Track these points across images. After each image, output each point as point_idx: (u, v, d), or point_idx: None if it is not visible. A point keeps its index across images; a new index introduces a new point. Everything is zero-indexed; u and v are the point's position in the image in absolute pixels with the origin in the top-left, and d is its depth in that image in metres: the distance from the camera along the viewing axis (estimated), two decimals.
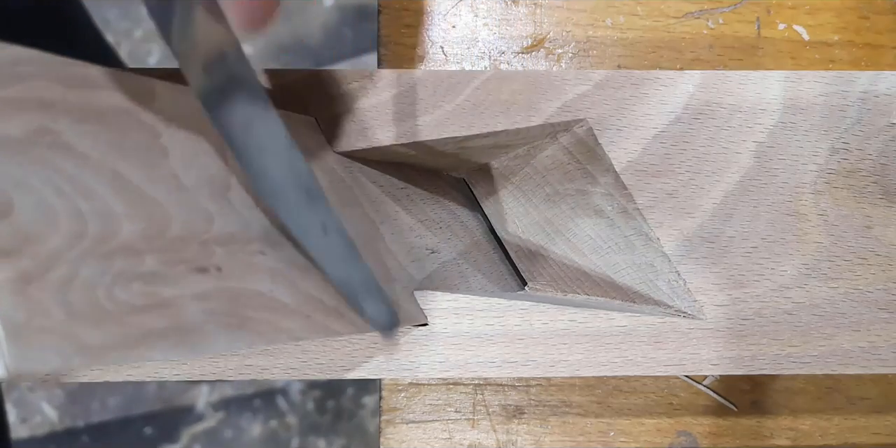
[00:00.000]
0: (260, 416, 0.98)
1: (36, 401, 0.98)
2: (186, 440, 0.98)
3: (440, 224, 0.27)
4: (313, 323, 0.20)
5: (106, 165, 0.15)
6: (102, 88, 0.16)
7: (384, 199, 0.25)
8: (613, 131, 0.24)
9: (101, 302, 0.14)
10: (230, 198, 0.19)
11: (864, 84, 0.24)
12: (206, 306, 0.16)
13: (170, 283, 0.16)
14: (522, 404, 0.34)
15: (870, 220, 0.24)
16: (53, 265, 0.13)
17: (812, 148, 0.24)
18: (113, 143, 0.16)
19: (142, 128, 0.17)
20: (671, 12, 0.35)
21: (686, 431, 0.34)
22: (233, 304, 0.17)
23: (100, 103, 0.16)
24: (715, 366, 0.24)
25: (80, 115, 0.15)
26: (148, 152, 0.17)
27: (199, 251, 0.17)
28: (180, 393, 0.99)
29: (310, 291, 0.20)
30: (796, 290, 0.24)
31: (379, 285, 0.19)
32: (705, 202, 0.24)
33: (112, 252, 0.15)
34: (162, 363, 0.24)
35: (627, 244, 0.25)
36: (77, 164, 0.15)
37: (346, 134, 0.24)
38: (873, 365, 0.24)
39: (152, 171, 0.16)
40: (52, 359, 0.13)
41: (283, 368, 0.24)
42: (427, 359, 0.24)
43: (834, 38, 0.35)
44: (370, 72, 0.24)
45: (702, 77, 0.24)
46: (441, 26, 0.35)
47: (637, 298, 0.25)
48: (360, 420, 0.98)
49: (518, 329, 0.24)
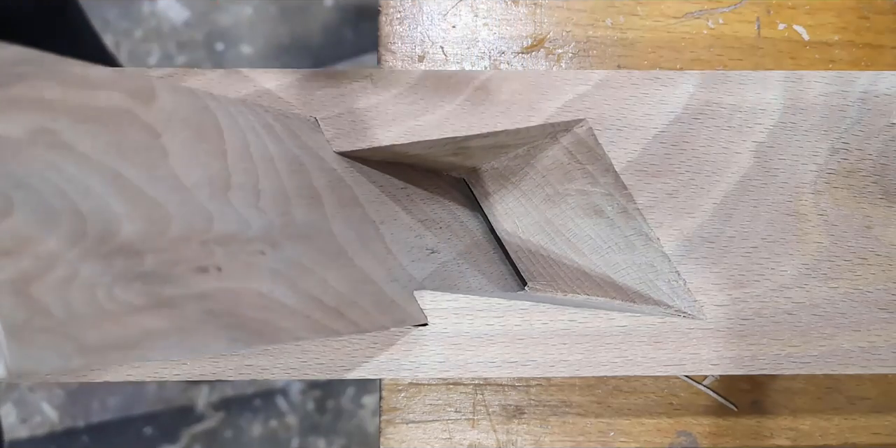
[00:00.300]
0: (260, 416, 0.98)
1: (36, 401, 0.98)
2: (186, 440, 0.98)
3: (440, 224, 0.27)
4: (313, 323, 0.20)
5: (106, 165, 0.15)
6: (102, 88, 0.16)
7: (384, 199, 0.25)
8: (613, 131, 0.24)
9: (101, 302, 0.14)
10: (230, 198, 0.18)
11: (864, 84, 0.24)
12: (206, 306, 0.16)
13: (170, 283, 0.16)
14: (522, 404, 0.34)
15: (870, 220, 0.24)
16: (53, 265, 0.13)
17: (812, 148, 0.24)
18: (113, 143, 0.16)
19: (142, 128, 0.17)
20: (671, 12, 0.35)
21: (686, 431, 0.34)
22: (233, 304, 0.17)
23: (100, 103, 0.16)
24: (715, 366, 0.24)
25: (80, 115, 0.15)
26: (148, 152, 0.17)
27: (199, 251, 0.17)
28: (180, 393, 0.99)
29: (310, 291, 0.20)
30: (796, 290, 0.24)
31: None
32: (705, 202, 0.24)
33: (112, 252, 0.15)
34: (162, 363, 0.24)
35: (627, 244, 0.25)
36: (77, 164, 0.15)
37: (346, 134, 0.24)
38: (873, 365, 0.24)
39: (152, 171, 0.16)
40: (52, 359, 0.13)
41: (283, 368, 0.24)
42: (427, 359, 0.24)
43: (834, 38, 0.35)
44: (370, 72, 0.24)
45: (702, 77, 0.24)
46: (441, 26, 0.35)
47: (637, 298, 0.25)
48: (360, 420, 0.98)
49: (518, 329, 0.24)
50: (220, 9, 1.02)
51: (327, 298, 0.21)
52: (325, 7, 1.02)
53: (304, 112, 0.24)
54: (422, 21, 0.35)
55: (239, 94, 0.24)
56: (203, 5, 1.02)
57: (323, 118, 0.24)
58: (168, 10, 1.03)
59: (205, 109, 0.19)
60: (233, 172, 0.19)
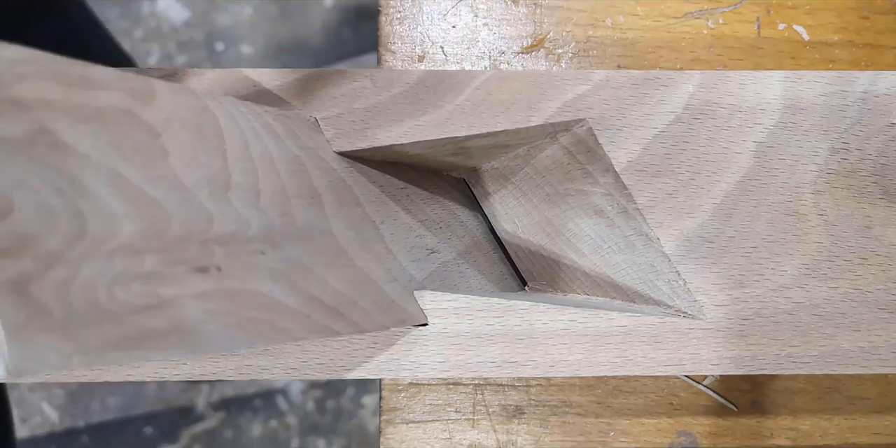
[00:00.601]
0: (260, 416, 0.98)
1: (36, 401, 0.98)
2: (186, 440, 0.98)
3: (440, 224, 0.27)
4: (313, 323, 0.20)
5: (106, 165, 0.15)
6: (102, 88, 0.16)
7: (384, 199, 0.25)
8: (613, 131, 0.24)
9: (101, 302, 0.14)
10: (230, 198, 0.18)
11: (864, 84, 0.24)
12: (206, 306, 0.16)
13: (170, 283, 0.16)
14: (522, 404, 0.34)
15: (870, 220, 0.24)
16: (53, 265, 0.13)
17: (812, 148, 0.24)
18: (113, 143, 0.16)
19: (142, 128, 0.17)
20: (671, 12, 0.35)
21: (686, 431, 0.34)
22: (233, 304, 0.17)
23: (100, 103, 0.16)
24: (715, 366, 0.24)
25: (80, 115, 0.15)
26: (148, 152, 0.17)
27: (199, 251, 0.17)
28: (180, 393, 0.99)
29: (310, 291, 0.20)
30: (796, 290, 0.24)
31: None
32: (705, 202, 0.24)
33: (112, 252, 0.15)
34: (162, 363, 0.24)
35: (627, 244, 0.25)
36: (77, 164, 0.15)
37: (346, 134, 0.24)
38: (873, 365, 0.24)
39: (152, 171, 0.16)
40: (52, 359, 0.13)
41: (283, 368, 0.24)
42: (427, 359, 0.24)
43: (834, 38, 0.35)
44: (370, 72, 0.24)
45: (702, 77, 0.24)
46: (441, 26, 0.35)
47: (637, 298, 0.25)
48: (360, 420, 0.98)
49: (518, 329, 0.24)
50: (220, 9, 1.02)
51: (327, 298, 0.21)
52: (325, 7, 1.02)
53: (304, 112, 0.24)
54: (422, 21, 0.35)
55: (239, 94, 0.24)
56: (203, 5, 1.02)
57: (323, 118, 0.24)
58: (168, 10, 1.03)
59: (205, 109, 0.19)
60: (233, 172, 0.19)
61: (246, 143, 0.20)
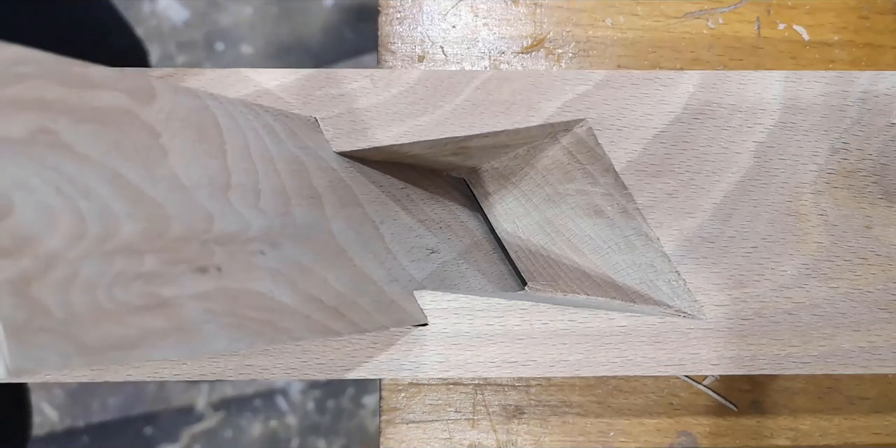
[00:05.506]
0: (260, 416, 0.98)
1: (36, 401, 0.98)
2: (186, 440, 0.98)
3: (440, 224, 0.27)
4: (313, 323, 0.20)
5: (106, 165, 0.15)
6: (102, 88, 0.16)
7: (384, 199, 0.25)
8: (613, 131, 0.24)
9: (101, 302, 0.14)
10: (230, 198, 0.19)
11: (864, 84, 0.24)
12: (206, 306, 0.16)
13: (170, 283, 0.16)
14: (522, 404, 0.34)
15: (870, 220, 0.24)
16: (53, 265, 0.13)
17: (812, 148, 0.24)
18: (113, 143, 0.16)
19: (142, 128, 0.17)
20: (671, 12, 0.35)
21: (686, 431, 0.34)
22: (233, 304, 0.17)
23: (100, 103, 0.16)
24: (715, 366, 0.24)
25: (80, 115, 0.15)
26: (148, 152, 0.17)
27: (199, 251, 0.17)
28: (180, 393, 0.99)
29: (310, 291, 0.20)
30: (796, 290, 0.24)
31: None
32: (705, 202, 0.24)
33: (112, 252, 0.15)
34: (162, 363, 0.24)
35: (627, 244, 0.25)
36: (77, 164, 0.15)
37: (346, 134, 0.24)
38: (873, 365, 0.24)
39: (152, 171, 0.16)
40: (52, 359, 0.13)
41: (283, 368, 0.24)
42: (427, 359, 0.24)
43: (834, 38, 0.35)
44: (370, 72, 0.24)
45: (702, 77, 0.24)
46: (441, 26, 0.35)
47: (637, 298, 0.25)
48: (360, 420, 0.98)
49: (518, 329, 0.24)
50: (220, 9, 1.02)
51: (327, 298, 0.21)
52: (325, 7, 1.02)
53: (304, 112, 0.24)
54: (422, 21, 0.35)
55: (239, 94, 0.24)
56: (203, 5, 1.02)
57: (323, 118, 0.24)
58: (168, 10, 1.03)
59: (205, 109, 0.19)
60: (233, 172, 0.19)
61: (246, 142, 0.20)
